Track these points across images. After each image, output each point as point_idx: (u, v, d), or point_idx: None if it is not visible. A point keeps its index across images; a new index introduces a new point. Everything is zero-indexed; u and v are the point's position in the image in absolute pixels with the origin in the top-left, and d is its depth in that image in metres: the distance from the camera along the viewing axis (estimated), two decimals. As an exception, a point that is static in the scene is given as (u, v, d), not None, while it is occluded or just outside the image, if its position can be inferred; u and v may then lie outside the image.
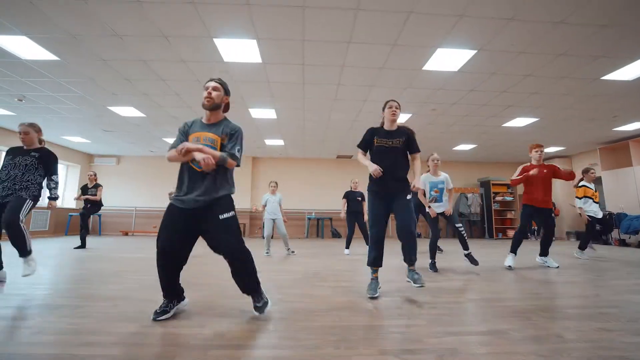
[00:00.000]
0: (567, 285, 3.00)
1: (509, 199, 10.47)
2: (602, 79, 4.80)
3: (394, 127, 2.61)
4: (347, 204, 5.68)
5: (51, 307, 2.09)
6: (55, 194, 3.16)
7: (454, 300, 2.39)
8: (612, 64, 4.38)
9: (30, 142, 3.03)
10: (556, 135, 7.94)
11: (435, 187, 3.80)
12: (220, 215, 1.87)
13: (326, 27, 3.65)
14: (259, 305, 1.93)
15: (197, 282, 2.93)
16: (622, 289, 2.80)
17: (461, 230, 3.75)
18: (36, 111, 6.44)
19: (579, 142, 8.61)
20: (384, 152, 2.52)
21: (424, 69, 4.59)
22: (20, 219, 2.73)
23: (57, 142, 9.10)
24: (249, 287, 1.95)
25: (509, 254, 3.95)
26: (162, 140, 8.68)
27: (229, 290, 2.66)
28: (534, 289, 2.77)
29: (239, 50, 4.12)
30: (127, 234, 10.25)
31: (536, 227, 9.79)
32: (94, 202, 6.02)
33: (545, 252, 4.07)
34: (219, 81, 2.06)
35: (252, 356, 1.41)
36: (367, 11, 3.36)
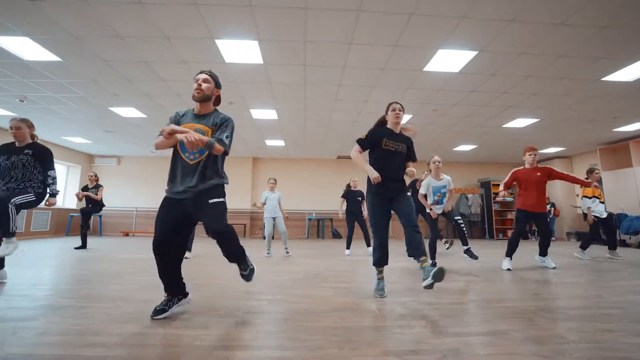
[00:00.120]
0: (568, 285, 3.00)
1: (509, 199, 10.46)
2: (602, 79, 4.81)
3: (398, 130, 2.63)
4: (346, 203, 5.66)
5: (54, 308, 2.09)
6: (54, 190, 3.04)
7: (455, 301, 2.40)
8: (612, 65, 4.39)
9: (22, 138, 2.94)
10: (556, 135, 7.96)
11: (438, 192, 3.80)
12: (210, 199, 1.91)
13: (328, 28, 3.66)
14: (246, 273, 2.02)
15: (198, 282, 2.94)
16: (624, 289, 2.81)
17: (461, 224, 3.75)
18: (37, 112, 6.46)
19: (579, 142, 8.62)
20: (391, 155, 2.52)
21: (425, 69, 4.60)
22: (12, 201, 2.67)
23: (58, 142, 9.11)
24: (234, 257, 2.01)
25: (506, 257, 3.89)
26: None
27: (230, 290, 2.67)
28: (535, 290, 2.77)
29: (241, 51, 4.13)
30: (127, 235, 10.26)
31: (536, 228, 9.79)
32: (95, 202, 6.02)
33: (544, 252, 4.06)
34: (210, 73, 2.06)
35: (257, 357, 1.41)
36: (369, 12, 3.37)
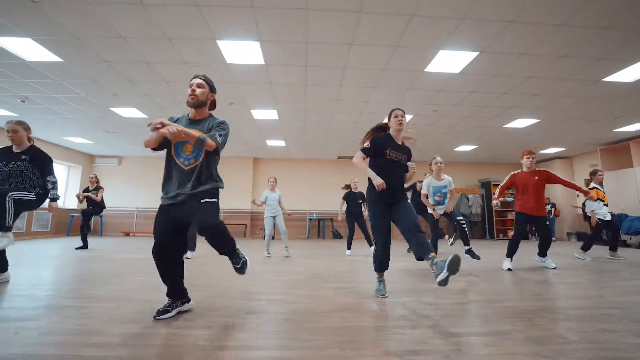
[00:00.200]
0: (569, 286, 3.01)
1: (509, 199, 10.46)
2: (603, 80, 4.82)
3: (400, 137, 2.63)
4: (346, 204, 5.66)
5: (55, 308, 2.10)
6: (55, 195, 3.03)
7: (456, 301, 2.40)
8: (613, 65, 4.39)
9: (19, 141, 2.90)
10: (557, 136, 7.96)
11: (439, 192, 3.80)
12: (202, 199, 1.89)
13: (329, 29, 3.67)
14: (239, 266, 1.99)
15: (199, 282, 2.95)
16: (625, 290, 2.81)
17: (463, 224, 3.74)
18: (38, 112, 6.47)
19: (579, 143, 8.62)
20: (395, 165, 2.53)
21: (426, 70, 4.60)
22: (10, 195, 2.65)
23: (59, 142, 9.13)
24: (226, 251, 1.97)
25: (506, 258, 3.89)
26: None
27: (232, 291, 2.68)
28: (536, 290, 2.78)
29: (242, 52, 4.14)
30: (128, 235, 10.27)
31: (534, 228, 9.79)
32: (96, 204, 6.02)
33: (543, 253, 4.05)
34: (204, 78, 2.04)
35: (259, 357, 1.42)
36: (369, 13, 3.38)
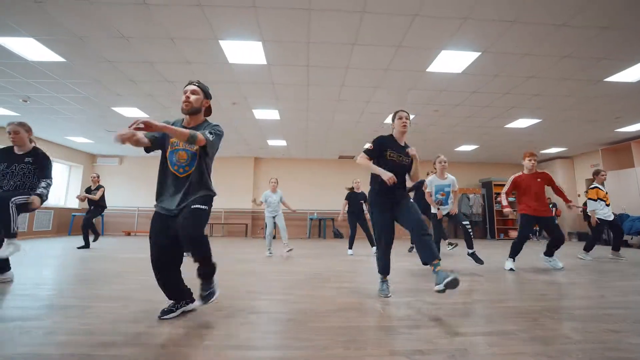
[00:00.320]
0: (572, 286, 3.01)
1: (511, 199, 10.43)
2: (605, 80, 4.81)
3: (404, 140, 2.61)
4: (348, 205, 5.67)
5: (59, 308, 2.11)
6: (42, 191, 2.84)
7: (459, 301, 2.41)
8: (615, 65, 4.39)
9: (21, 142, 2.89)
10: (558, 136, 7.95)
11: (441, 191, 3.77)
12: (193, 205, 1.85)
13: (331, 29, 3.67)
14: (205, 294, 1.87)
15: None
16: (628, 290, 2.82)
17: (468, 227, 3.70)
18: (40, 112, 6.47)
19: (580, 143, 8.61)
20: (396, 167, 2.50)
21: (428, 70, 4.60)
22: (12, 200, 2.67)
23: (60, 142, 9.13)
24: (203, 272, 1.88)
25: (509, 258, 3.90)
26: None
27: (234, 290, 2.69)
28: (539, 290, 2.78)
29: (244, 51, 4.14)
30: (129, 234, 10.28)
31: (537, 228, 9.78)
32: (97, 204, 6.03)
33: (550, 253, 4.00)
34: (199, 84, 2.00)
35: (264, 357, 1.43)
36: (372, 13, 3.38)
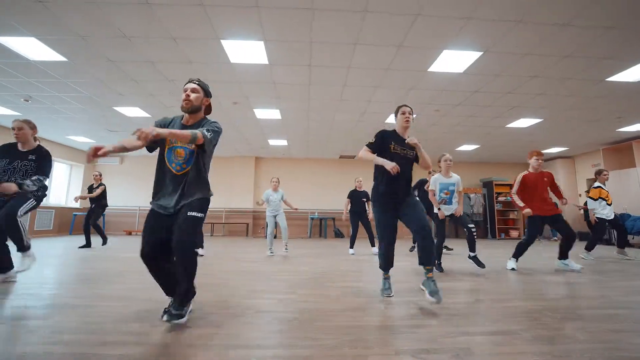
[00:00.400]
0: (574, 286, 3.02)
1: (511, 199, 10.46)
2: (607, 80, 4.82)
3: (407, 134, 2.58)
4: (350, 203, 5.67)
5: (64, 307, 2.12)
6: (24, 183, 2.72)
7: (462, 300, 2.42)
8: (617, 65, 4.39)
9: (24, 139, 2.86)
10: (559, 136, 7.95)
11: (446, 189, 3.72)
12: (189, 212, 1.84)
13: (334, 29, 3.67)
14: (174, 312, 1.70)
15: (206, 282, 2.96)
16: (630, 290, 2.82)
17: (473, 231, 3.64)
18: (42, 111, 6.48)
19: (582, 142, 8.62)
20: (401, 159, 2.45)
21: (429, 70, 4.61)
22: (17, 213, 2.70)
23: (62, 142, 9.15)
24: (180, 288, 1.80)
25: (512, 258, 3.89)
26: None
27: (239, 290, 2.70)
28: (541, 290, 2.79)
29: (246, 51, 4.15)
30: (130, 234, 10.29)
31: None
32: (98, 202, 6.04)
33: (564, 255, 3.87)
34: (199, 82, 1.98)
35: (271, 356, 1.43)
36: (374, 13, 3.38)
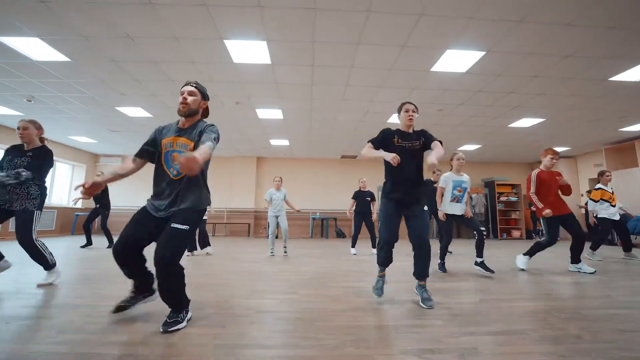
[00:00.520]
0: (579, 286, 3.01)
1: (513, 199, 10.45)
2: (609, 79, 4.80)
3: (410, 131, 2.51)
4: (355, 204, 5.66)
5: (67, 307, 2.13)
6: (11, 175, 2.57)
7: (466, 300, 2.41)
8: (619, 65, 4.37)
9: (29, 139, 2.82)
10: (561, 135, 7.93)
11: (459, 186, 3.64)
12: (174, 223, 1.77)
13: (337, 29, 3.67)
14: (169, 320, 1.72)
15: (208, 282, 2.96)
16: (634, 290, 2.81)
17: (484, 234, 3.53)
18: (44, 111, 6.49)
19: (584, 142, 8.59)
20: (406, 153, 2.36)
21: (432, 70, 4.60)
22: (33, 237, 2.67)
23: (64, 142, 9.17)
24: (168, 301, 1.78)
25: (524, 256, 3.82)
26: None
27: (241, 290, 2.70)
28: (546, 290, 2.78)
29: (249, 51, 4.15)
30: (132, 234, 10.29)
31: (541, 228, 9.76)
32: (101, 202, 6.05)
33: (577, 259, 3.77)
34: (196, 85, 1.95)
35: (275, 356, 1.43)
36: (378, 13, 3.38)
